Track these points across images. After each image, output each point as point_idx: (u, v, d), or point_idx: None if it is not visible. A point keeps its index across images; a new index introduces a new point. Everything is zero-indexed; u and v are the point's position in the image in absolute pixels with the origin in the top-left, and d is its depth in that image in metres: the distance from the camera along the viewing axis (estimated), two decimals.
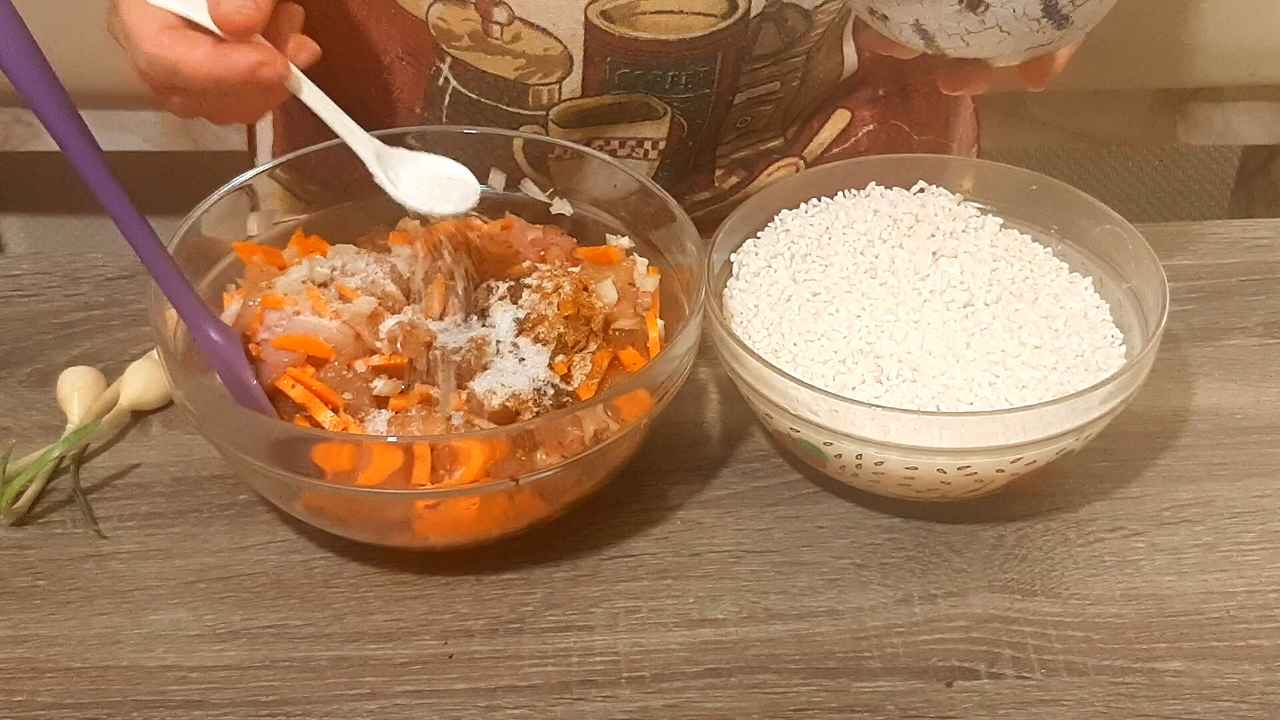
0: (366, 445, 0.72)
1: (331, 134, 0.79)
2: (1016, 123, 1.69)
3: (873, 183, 0.90)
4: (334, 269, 0.82)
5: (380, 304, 0.80)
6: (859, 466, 0.77)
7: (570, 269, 0.83)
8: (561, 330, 0.79)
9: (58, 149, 0.69)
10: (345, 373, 0.77)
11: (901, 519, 0.80)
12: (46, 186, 1.90)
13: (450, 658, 0.74)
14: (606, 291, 0.82)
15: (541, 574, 0.78)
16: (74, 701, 0.72)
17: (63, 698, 0.72)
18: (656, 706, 0.71)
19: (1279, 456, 0.84)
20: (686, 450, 0.84)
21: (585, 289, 0.82)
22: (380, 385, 0.76)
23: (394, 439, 0.74)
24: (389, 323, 0.79)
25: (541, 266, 0.83)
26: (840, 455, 0.77)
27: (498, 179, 0.90)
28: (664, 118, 0.95)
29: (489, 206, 0.90)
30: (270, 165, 0.87)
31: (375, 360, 0.77)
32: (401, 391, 0.77)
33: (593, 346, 0.80)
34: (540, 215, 0.88)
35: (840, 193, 0.90)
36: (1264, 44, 1.59)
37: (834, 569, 0.78)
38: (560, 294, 0.80)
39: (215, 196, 0.83)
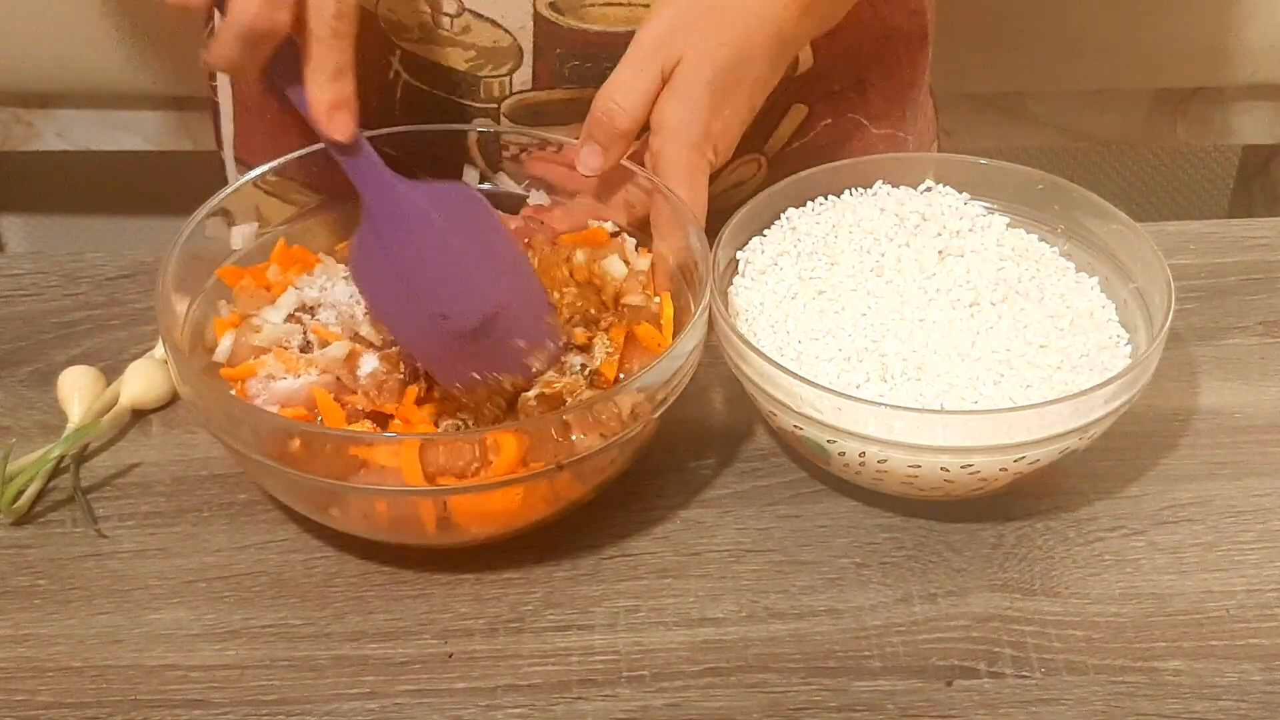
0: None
1: (300, 136, 0.75)
2: (1016, 123, 1.69)
3: (880, 181, 0.90)
4: (321, 290, 0.81)
5: (355, 344, 0.78)
6: (862, 465, 0.77)
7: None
8: (575, 296, 0.79)
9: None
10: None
11: (902, 518, 0.80)
12: (46, 186, 1.89)
13: (450, 657, 0.74)
14: (614, 266, 0.82)
15: (541, 573, 0.77)
16: (74, 701, 0.72)
17: (63, 697, 0.72)
18: (657, 706, 0.71)
19: (1279, 456, 0.84)
20: (687, 450, 0.84)
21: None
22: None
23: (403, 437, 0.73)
24: (368, 362, 0.77)
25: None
26: (844, 453, 0.77)
27: (471, 174, 0.90)
28: None
29: None
30: (257, 172, 0.86)
31: (360, 403, 0.76)
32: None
33: (608, 321, 0.80)
34: (517, 209, 0.88)
35: (847, 191, 0.90)
36: (1264, 44, 1.59)
37: (834, 568, 0.78)
38: (571, 263, 0.80)
39: (200, 213, 0.82)
